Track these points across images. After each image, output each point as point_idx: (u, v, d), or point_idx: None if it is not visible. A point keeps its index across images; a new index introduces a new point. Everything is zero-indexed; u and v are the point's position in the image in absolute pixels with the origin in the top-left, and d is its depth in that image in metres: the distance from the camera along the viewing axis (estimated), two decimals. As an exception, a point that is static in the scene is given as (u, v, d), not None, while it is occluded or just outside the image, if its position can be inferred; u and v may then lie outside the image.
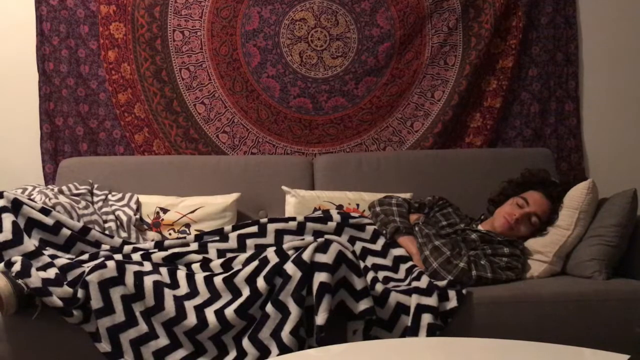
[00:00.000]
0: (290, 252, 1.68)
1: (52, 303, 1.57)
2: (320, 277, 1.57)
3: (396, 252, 1.99)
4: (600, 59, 2.86)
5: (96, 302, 1.59)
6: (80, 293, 1.60)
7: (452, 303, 1.74)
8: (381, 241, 2.03)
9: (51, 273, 1.64)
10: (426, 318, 1.67)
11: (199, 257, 1.82)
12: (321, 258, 1.60)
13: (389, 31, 2.78)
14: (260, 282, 1.61)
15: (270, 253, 1.69)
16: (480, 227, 2.19)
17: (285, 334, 1.54)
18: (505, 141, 2.84)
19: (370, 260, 1.97)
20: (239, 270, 1.67)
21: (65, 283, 1.63)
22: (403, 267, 1.94)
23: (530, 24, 2.81)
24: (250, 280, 1.63)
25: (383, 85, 2.80)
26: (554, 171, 2.58)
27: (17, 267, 1.60)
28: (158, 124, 2.78)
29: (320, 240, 1.66)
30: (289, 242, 1.88)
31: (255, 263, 1.67)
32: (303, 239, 1.82)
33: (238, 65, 2.78)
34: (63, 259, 1.72)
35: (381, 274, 1.91)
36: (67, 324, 1.62)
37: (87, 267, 1.66)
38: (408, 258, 1.97)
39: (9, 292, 1.54)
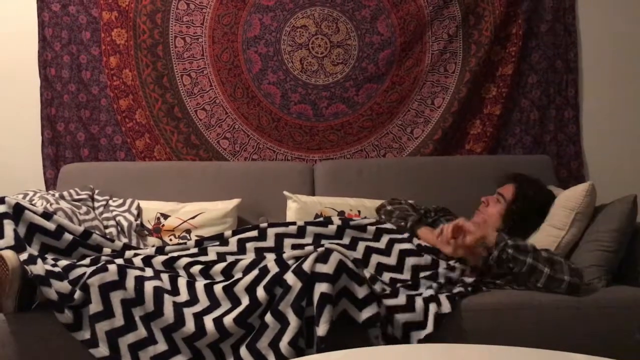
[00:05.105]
0: (290, 262, 1.67)
1: (48, 295, 1.58)
2: (321, 288, 1.57)
3: (402, 246, 1.97)
4: (600, 66, 2.87)
5: (96, 306, 1.59)
6: (77, 294, 1.60)
7: (445, 309, 1.74)
8: (385, 239, 1.99)
9: (55, 269, 1.66)
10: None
11: (198, 258, 1.83)
12: (322, 268, 1.59)
13: (390, 38, 2.79)
14: (260, 292, 1.61)
15: (271, 262, 1.69)
16: None
17: (283, 344, 1.54)
18: (505, 148, 2.85)
19: (375, 259, 1.94)
20: (239, 279, 1.67)
21: (66, 280, 1.64)
22: (408, 263, 1.92)
23: (530, 31, 2.83)
24: (250, 289, 1.63)
25: (383, 92, 2.81)
26: (553, 178, 2.58)
27: (24, 256, 1.64)
28: (159, 130, 2.79)
29: (320, 249, 1.65)
30: (289, 248, 1.88)
31: (255, 272, 1.67)
32: (303, 239, 1.81)
33: (239, 71, 2.79)
34: (65, 261, 1.73)
35: (387, 276, 1.89)
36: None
37: (89, 270, 1.67)
38: (413, 252, 1.96)
39: (16, 262, 1.55)
